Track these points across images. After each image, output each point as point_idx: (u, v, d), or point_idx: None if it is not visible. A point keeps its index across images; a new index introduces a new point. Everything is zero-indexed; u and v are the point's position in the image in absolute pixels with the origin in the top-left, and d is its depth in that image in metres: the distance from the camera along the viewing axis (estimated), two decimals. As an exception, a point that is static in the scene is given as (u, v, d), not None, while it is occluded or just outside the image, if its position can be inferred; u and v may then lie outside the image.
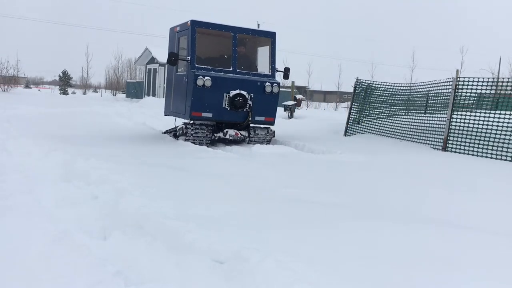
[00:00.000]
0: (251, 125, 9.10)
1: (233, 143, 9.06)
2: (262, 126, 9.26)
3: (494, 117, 7.80)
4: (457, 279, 2.50)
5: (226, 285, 2.44)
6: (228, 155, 7.23)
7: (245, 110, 8.74)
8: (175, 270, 2.63)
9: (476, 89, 8.38)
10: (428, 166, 6.71)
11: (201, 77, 8.29)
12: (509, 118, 7.57)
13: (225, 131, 8.84)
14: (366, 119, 11.39)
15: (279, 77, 9.96)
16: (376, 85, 11.50)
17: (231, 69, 8.80)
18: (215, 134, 8.88)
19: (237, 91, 8.59)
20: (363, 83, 11.65)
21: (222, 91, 8.55)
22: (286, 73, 9.70)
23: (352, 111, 11.62)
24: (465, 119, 8.27)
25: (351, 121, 11.50)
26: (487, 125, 7.83)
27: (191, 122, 8.81)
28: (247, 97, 8.66)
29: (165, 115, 10.38)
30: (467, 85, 8.46)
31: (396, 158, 7.38)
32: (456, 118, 8.41)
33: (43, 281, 2.46)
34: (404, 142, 9.41)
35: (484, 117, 7.96)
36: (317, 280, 2.34)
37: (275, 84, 8.97)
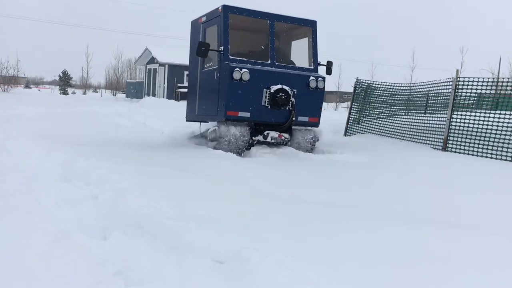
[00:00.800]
0: (293, 126, 8.02)
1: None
2: (304, 128, 8.10)
3: (494, 117, 7.80)
4: (457, 279, 2.50)
5: (226, 285, 2.44)
6: (228, 155, 7.23)
7: (287, 108, 7.62)
8: (175, 270, 2.63)
9: (476, 89, 8.38)
10: (428, 166, 6.71)
11: (237, 69, 7.22)
12: (509, 118, 7.57)
13: (265, 133, 7.72)
14: (366, 119, 11.40)
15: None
16: (376, 85, 11.51)
17: (269, 61, 7.71)
18: (253, 138, 7.72)
19: (279, 86, 7.47)
20: (363, 83, 11.66)
21: (262, 86, 7.47)
22: (329, 67, 8.47)
23: (352, 111, 11.63)
24: (465, 119, 8.28)
25: (351, 121, 11.51)
26: (487, 125, 7.83)
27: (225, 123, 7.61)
28: (290, 93, 7.54)
29: (187, 120, 9.27)
30: (467, 85, 8.46)
31: (396, 158, 7.39)
32: (456, 118, 8.42)
33: (43, 281, 2.46)
34: (404, 142, 9.41)
35: (484, 117, 7.96)
36: (317, 280, 2.33)
37: (320, 78, 7.87)
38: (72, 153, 6.00)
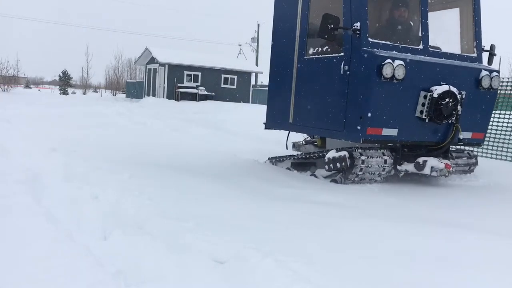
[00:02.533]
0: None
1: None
2: (461, 148, 5.91)
3: (494, 117, 7.80)
4: (457, 279, 2.50)
5: (226, 285, 2.44)
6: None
7: (449, 121, 5.20)
8: (175, 270, 2.63)
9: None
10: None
11: (389, 61, 4.73)
12: (509, 118, 7.57)
13: (420, 161, 5.12)
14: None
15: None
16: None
17: (421, 46, 5.19)
18: (398, 167, 5.25)
19: (446, 88, 4.97)
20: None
21: (418, 86, 4.99)
22: (492, 53, 5.85)
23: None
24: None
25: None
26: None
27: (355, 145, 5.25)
28: (458, 98, 5.09)
29: (266, 128, 6.54)
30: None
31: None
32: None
33: (43, 281, 2.46)
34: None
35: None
36: (317, 280, 2.33)
37: (495, 73, 5.43)
38: (72, 153, 6.01)
